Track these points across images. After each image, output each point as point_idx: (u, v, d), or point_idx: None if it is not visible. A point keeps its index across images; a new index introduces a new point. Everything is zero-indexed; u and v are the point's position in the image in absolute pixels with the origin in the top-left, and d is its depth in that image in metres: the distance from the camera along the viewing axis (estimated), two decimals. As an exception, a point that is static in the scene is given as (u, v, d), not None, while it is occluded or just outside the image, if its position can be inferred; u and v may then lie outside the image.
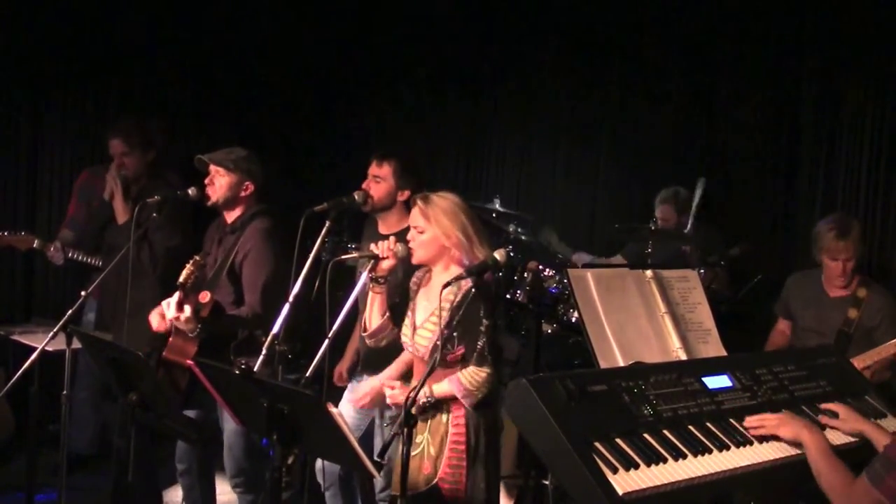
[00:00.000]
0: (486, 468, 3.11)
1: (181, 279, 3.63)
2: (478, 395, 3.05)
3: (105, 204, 4.86)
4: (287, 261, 3.53)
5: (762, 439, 2.62)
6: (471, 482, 3.08)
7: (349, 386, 3.94)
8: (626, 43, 6.09)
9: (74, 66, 5.97)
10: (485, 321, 3.03)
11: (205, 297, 3.67)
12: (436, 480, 3.08)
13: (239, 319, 3.76)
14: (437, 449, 3.10)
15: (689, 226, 5.06)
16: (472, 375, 3.05)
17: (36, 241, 4.96)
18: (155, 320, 3.70)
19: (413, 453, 3.11)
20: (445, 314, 3.04)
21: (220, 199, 3.89)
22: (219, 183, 3.87)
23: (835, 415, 2.80)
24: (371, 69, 7.12)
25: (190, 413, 3.77)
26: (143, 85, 6.27)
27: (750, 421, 2.64)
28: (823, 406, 2.85)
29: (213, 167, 3.88)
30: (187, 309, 3.54)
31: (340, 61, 7.10)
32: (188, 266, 3.68)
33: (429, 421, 3.14)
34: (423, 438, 3.14)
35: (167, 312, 3.59)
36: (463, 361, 3.09)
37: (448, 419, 3.10)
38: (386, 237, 3.59)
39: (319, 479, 3.85)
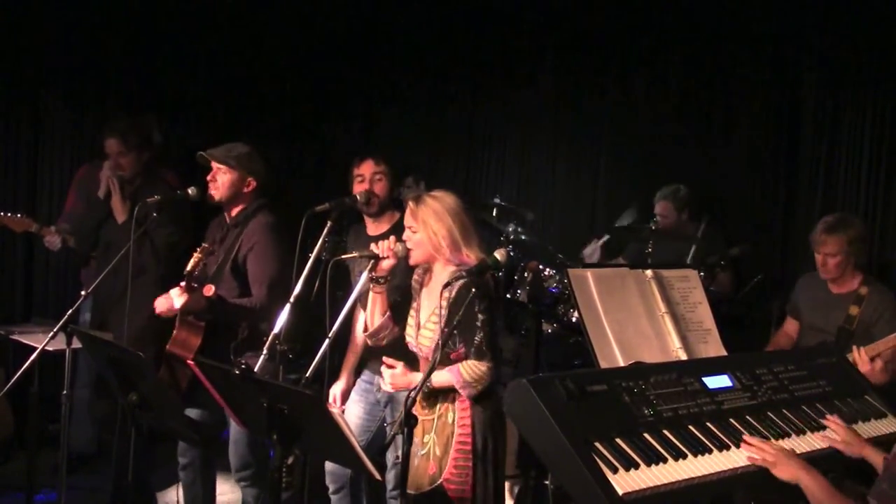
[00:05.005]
0: (493, 468, 3.11)
1: (188, 268, 3.63)
2: (476, 387, 3.06)
3: (101, 200, 4.82)
4: (290, 257, 3.53)
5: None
6: (479, 483, 3.07)
7: (356, 385, 3.93)
8: (625, 44, 6.09)
9: (74, 66, 5.97)
10: (480, 316, 3.03)
11: (209, 290, 3.67)
12: (440, 480, 3.08)
13: (244, 309, 3.76)
14: (442, 449, 3.10)
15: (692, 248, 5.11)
16: (471, 368, 3.05)
17: (34, 225, 4.95)
18: (161, 304, 3.71)
19: (420, 453, 3.14)
20: (444, 312, 3.05)
21: (224, 197, 3.88)
22: (221, 180, 3.87)
23: (837, 422, 2.80)
24: (370, 69, 7.12)
25: (192, 412, 3.77)
26: (143, 84, 6.26)
27: (748, 446, 2.57)
28: (825, 422, 2.83)
29: (215, 164, 3.87)
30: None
31: (339, 61, 7.09)
32: (195, 254, 3.67)
33: (435, 421, 3.14)
34: (430, 438, 3.14)
35: (175, 301, 3.61)
36: (466, 358, 3.10)
37: (454, 419, 3.10)
38: (375, 238, 3.59)
39: (328, 481, 3.84)
